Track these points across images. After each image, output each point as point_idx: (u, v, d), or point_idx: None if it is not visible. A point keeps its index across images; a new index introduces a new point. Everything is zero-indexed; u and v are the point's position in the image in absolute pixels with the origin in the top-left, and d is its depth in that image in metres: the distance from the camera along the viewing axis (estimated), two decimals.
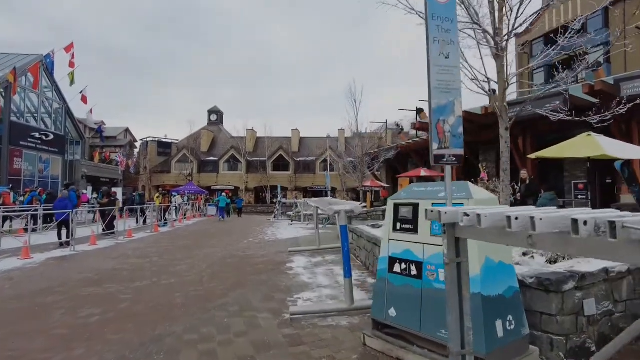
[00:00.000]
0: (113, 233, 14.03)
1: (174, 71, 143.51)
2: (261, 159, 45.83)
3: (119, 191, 17.65)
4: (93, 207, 17.42)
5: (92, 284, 6.83)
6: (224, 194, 30.84)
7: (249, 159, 46.21)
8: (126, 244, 12.72)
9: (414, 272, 3.67)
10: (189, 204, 25.75)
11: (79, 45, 27.14)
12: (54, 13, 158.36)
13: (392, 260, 3.89)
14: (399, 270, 3.81)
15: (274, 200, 33.31)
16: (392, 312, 3.79)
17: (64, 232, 11.77)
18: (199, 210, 27.36)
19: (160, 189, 29.78)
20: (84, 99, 30.19)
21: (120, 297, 5.99)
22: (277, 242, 13.08)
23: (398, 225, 3.91)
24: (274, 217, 25.12)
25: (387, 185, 27.70)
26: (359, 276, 7.16)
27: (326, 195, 27.56)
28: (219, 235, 15.55)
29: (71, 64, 27.28)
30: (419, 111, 30.33)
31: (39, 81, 27.20)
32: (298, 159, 46.96)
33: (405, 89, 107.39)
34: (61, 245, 11.44)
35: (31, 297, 5.99)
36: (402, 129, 38.91)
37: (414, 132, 28.18)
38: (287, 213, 27.88)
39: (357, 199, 27.41)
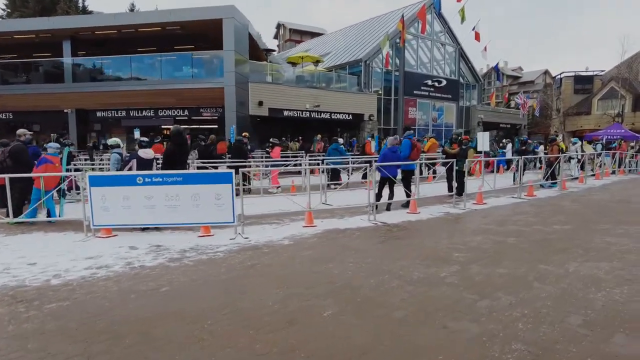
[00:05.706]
0: (452, 196, 9.81)
1: None
2: None
3: (481, 136, 13.16)
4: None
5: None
6: None
7: None
8: (458, 218, 8.57)
9: None
10: (600, 154, 17.45)
11: None
12: None
13: None
14: None
15: None
16: None
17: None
18: (620, 165, 18.24)
19: (555, 134, 22.65)
20: (477, 36, 27.04)
21: None
22: None
23: None
24: None
25: None
26: None
27: None
28: None
29: None
30: None
31: (428, 25, 26.37)
32: None
33: None
34: (389, 209, 8.80)
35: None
36: None
37: None
38: None
39: None
